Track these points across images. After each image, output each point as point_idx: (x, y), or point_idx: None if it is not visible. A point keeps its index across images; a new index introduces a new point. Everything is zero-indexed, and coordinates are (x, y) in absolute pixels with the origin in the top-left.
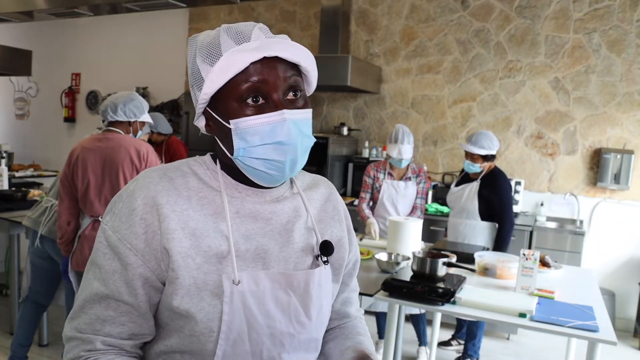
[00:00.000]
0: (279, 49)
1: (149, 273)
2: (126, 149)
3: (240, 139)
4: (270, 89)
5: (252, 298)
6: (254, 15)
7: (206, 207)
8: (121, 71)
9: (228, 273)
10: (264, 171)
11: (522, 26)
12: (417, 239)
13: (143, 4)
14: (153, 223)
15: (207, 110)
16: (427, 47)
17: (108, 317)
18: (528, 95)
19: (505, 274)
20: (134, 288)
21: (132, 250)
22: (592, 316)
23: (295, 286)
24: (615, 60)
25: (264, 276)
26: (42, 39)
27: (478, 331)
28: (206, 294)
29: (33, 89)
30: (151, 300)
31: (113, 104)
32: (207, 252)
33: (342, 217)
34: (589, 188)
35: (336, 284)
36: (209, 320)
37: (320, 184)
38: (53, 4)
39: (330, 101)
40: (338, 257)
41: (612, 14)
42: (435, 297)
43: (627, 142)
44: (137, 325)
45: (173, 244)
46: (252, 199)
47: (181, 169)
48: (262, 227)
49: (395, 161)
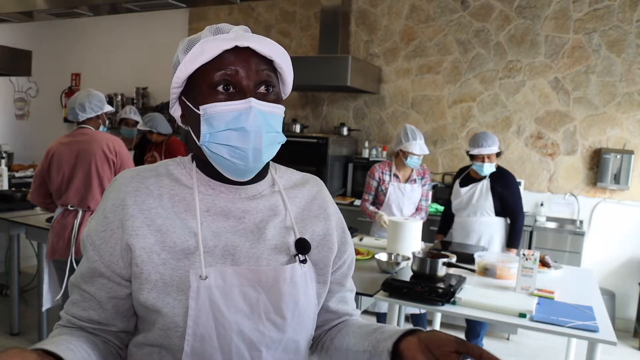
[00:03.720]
0: (252, 41)
1: (104, 268)
2: (99, 143)
3: (208, 125)
4: (241, 79)
5: (219, 294)
6: (253, 15)
7: (177, 204)
8: (121, 71)
9: (196, 269)
10: (228, 159)
11: (522, 26)
12: (417, 239)
13: (143, 4)
14: (114, 222)
15: (182, 99)
16: (427, 48)
17: (75, 300)
18: (528, 96)
19: (505, 274)
20: (92, 279)
21: (91, 246)
22: (592, 316)
23: (264, 282)
24: (615, 61)
25: (232, 272)
26: (42, 39)
27: (482, 331)
28: (172, 289)
29: (33, 89)
30: (111, 293)
31: (80, 104)
32: (173, 247)
33: (328, 215)
34: (589, 188)
35: (322, 284)
36: (174, 315)
37: (309, 182)
38: (53, 4)
39: (330, 101)
40: (321, 256)
41: (612, 14)
42: (435, 297)
43: (627, 142)
44: (96, 313)
45: (137, 240)
46: (225, 196)
47: (156, 169)
48: (234, 225)
49: (413, 160)
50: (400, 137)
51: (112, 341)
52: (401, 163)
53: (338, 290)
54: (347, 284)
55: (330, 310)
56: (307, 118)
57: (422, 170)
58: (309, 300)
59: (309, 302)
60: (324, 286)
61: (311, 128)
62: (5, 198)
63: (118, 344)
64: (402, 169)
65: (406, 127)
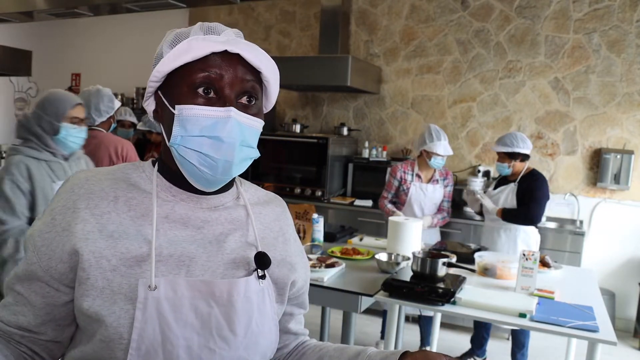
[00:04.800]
0: (243, 48)
1: (41, 272)
2: (106, 147)
3: (181, 127)
4: (224, 85)
5: (168, 306)
6: (253, 15)
7: (134, 208)
8: (121, 71)
9: (146, 278)
10: (197, 166)
11: (522, 26)
12: (417, 239)
13: (143, 4)
14: (60, 224)
15: (158, 94)
16: (427, 48)
17: (7, 303)
18: (528, 96)
19: (505, 274)
20: (28, 281)
21: (32, 246)
22: (592, 316)
23: (217, 296)
24: (615, 61)
25: (184, 283)
26: (42, 39)
27: (526, 340)
28: (120, 297)
29: (33, 89)
30: (47, 298)
31: (96, 108)
32: (125, 254)
33: (287, 238)
34: (589, 188)
35: (280, 304)
36: (119, 325)
37: (273, 202)
38: (53, 4)
39: (330, 101)
40: (281, 274)
41: (612, 14)
42: (435, 298)
43: (627, 142)
44: (24, 319)
45: (85, 244)
46: (185, 204)
47: (113, 173)
48: (192, 235)
49: (437, 161)
50: (424, 138)
51: (38, 353)
52: (424, 163)
53: (298, 312)
54: (304, 305)
55: (290, 332)
56: (307, 118)
57: (445, 170)
58: (264, 317)
59: (265, 320)
60: (281, 305)
61: (311, 128)
62: None
63: (44, 357)
64: (425, 169)
65: (430, 127)
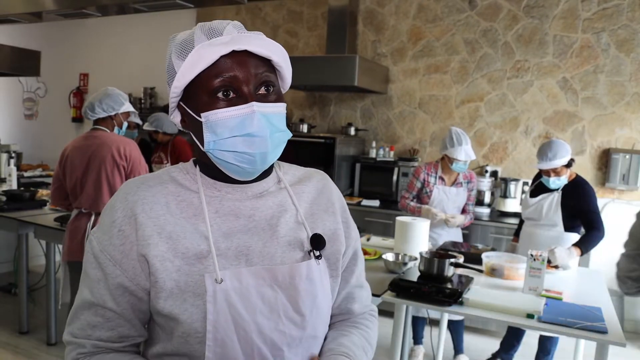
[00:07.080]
0: (248, 43)
1: (128, 282)
2: (109, 147)
3: (211, 132)
4: (241, 84)
5: (236, 296)
6: (261, 15)
7: (185, 210)
8: (129, 71)
9: (210, 272)
10: (236, 164)
11: (530, 26)
12: (425, 239)
13: (151, 5)
14: (131, 234)
15: (181, 105)
16: (435, 47)
17: (97, 322)
18: (536, 95)
19: (513, 275)
20: (116, 296)
21: (111, 261)
22: (601, 317)
23: (280, 281)
24: (624, 60)
25: (247, 273)
26: (51, 39)
27: (552, 347)
28: (189, 295)
29: (42, 89)
30: (135, 307)
31: (90, 103)
32: (186, 253)
33: (336, 209)
34: (598, 188)
35: (335, 279)
36: (193, 321)
37: (313, 177)
38: (61, 4)
39: (338, 101)
40: (333, 250)
41: (621, 13)
42: (442, 298)
43: (636, 143)
44: (125, 329)
45: (149, 249)
46: (232, 196)
47: (160, 177)
48: (245, 224)
49: (459, 165)
50: (445, 142)
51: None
52: (447, 166)
53: (344, 286)
54: (352, 279)
55: (334, 307)
56: (314, 118)
57: (469, 173)
58: (325, 295)
59: (326, 297)
60: (336, 280)
61: (318, 128)
62: (14, 197)
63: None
64: (448, 172)
65: (451, 131)
